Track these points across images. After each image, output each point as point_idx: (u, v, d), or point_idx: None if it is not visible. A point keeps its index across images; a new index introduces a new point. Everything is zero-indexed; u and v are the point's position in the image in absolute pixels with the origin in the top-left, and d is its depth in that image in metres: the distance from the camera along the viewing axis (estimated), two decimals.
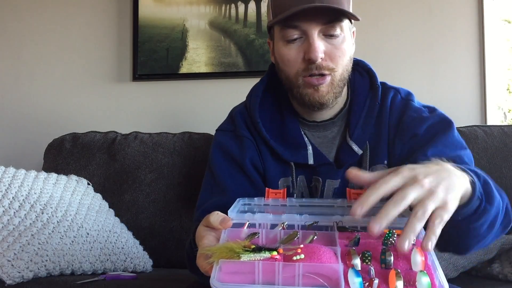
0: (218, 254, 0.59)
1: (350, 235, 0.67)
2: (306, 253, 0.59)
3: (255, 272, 0.56)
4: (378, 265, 0.61)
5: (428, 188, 0.60)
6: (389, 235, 0.64)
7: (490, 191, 0.72)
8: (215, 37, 2.05)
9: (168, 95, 2.09)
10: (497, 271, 1.41)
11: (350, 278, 0.56)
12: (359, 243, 0.65)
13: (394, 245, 0.64)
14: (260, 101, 1.03)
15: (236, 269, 0.57)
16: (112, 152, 1.80)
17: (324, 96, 0.93)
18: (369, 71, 1.05)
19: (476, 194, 0.68)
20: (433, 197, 0.59)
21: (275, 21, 0.92)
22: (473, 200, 0.68)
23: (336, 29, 0.90)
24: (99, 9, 2.15)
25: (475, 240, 0.76)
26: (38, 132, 2.13)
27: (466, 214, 0.69)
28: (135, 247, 1.57)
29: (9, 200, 1.44)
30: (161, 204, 1.72)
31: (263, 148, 1.01)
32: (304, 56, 0.91)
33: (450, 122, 0.96)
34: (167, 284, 1.31)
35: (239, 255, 0.58)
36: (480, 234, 0.74)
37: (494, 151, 1.61)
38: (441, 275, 0.57)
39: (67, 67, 2.16)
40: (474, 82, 1.93)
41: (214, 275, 0.56)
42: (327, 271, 0.56)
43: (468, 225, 0.71)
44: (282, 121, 1.02)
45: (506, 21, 2.06)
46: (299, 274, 0.55)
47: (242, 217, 0.70)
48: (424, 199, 0.59)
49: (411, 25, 1.96)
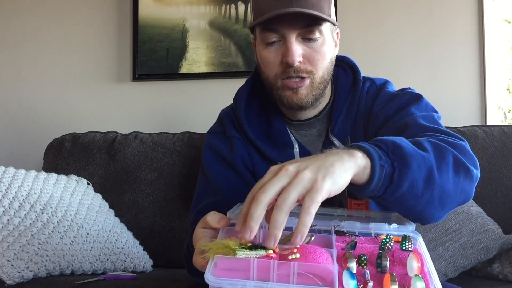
0: (214, 249, 0.59)
1: (348, 240, 0.68)
2: (302, 253, 0.59)
3: (250, 269, 0.56)
4: (374, 269, 0.61)
5: (293, 173, 0.58)
6: (386, 240, 0.65)
7: (402, 153, 0.68)
8: (215, 37, 2.05)
9: (168, 95, 2.09)
10: (497, 271, 1.41)
11: (344, 279, 0.56)
12: (356, 247, 0.65)
13: (391, 251, 0.64)
14: (246, 102, 1.05)
15: (231, 265, 0.57)
16: (112, 152, 1.80)
17: (303, 99, 0.94)
18: (352, 66, 1.06)
19: (375, 164, 0.65)
20: (297, 180, 0.57)
21: (254, 24, 0.93)
22: (376, 171, 0.65)
23: (315, 33, 0.91)
24: (99, 9, 2.15)
25: (422, 203, 0.72)
26: (38, 132, 2.13)
27: (381, 186, 0.67)
28: (135, 247, 1.57)
29: (9, 200, 1.44)
30: (161, 204, 1.72)
31: (251, 149, 1.02)
32: (282, 59, 0.92)
33: (419, 95, 0.96)
34: (167, 284, 1.31)
35: (235, 252, 0.58)
36: (420, 195, 0.70)
37: (494, 151, 1.61)
38: (437, 282, 0.57)
39: (67, 67, 2.16)
40: (474, 82, 1.93)
41: (208, 270, 0.56)
42: (322, 272, 0.56)
43: (395, 195, 0.68)
44: (268, 121, 1.03)
45: (506, 21, 2.06)
46: (294, 273, 0.55)
47: None
48: (287, 186, 0.58)
49: (411, 25, 1.96)
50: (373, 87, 1.02)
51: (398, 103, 0.95)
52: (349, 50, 1.91)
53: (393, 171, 0.67)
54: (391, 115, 0.94)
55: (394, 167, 0.67)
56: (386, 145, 0.69)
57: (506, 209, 1.57)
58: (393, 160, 0.67)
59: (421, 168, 0.69)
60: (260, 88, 1.06)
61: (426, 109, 0.93)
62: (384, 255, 0.61)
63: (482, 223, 1.47)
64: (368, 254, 0.63)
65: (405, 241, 0.65)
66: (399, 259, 0.63)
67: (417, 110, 0.91)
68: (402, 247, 0.65)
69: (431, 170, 0.70)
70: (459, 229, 1.46)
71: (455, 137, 0.80)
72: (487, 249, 1.44)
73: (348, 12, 1.99)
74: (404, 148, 0.69)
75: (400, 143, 0.70)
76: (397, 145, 0.69)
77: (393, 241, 0.65)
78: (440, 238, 1.46)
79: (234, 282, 0.55)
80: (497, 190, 1.59)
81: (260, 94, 1.06)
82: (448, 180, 0.72)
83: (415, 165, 0.68)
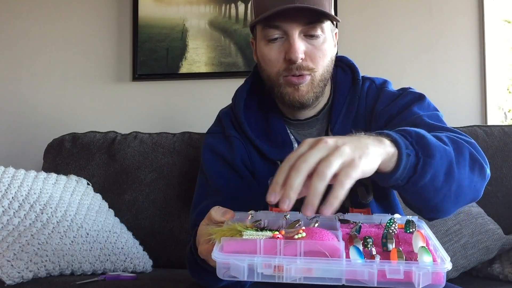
0: (220, 233, 0.59)
1: (352, 226, 0.68)
2: (308, 233, 0.59)
3: (257, 250, 0.55)
4: (380, 249, 0.61)
5: (332, 146, 0.58)
6: (390, 223, 0.65)
7: (426, 144, 0.69)
8: (215, 37, 2.05)
9: (168, 95, 2.09)
10: (498, 271, 1.41)
11: (351, 255, 0.56)
12: (361, 231, 0.66)
13: (395, 233, 0.64)
14: (245, 102, 1.05)
15: (237, 247, 0.57)
16: (112, 152, 1.79)
17: (304, 96, 0.94)
18: (351, 66, 1.05)
19: (402, 153, 0.65)
20: (338, 153, 0.57)
21: (256, 21, 0.93)
22: (402, 160, 0.65)
23: (317, 30, 0.91)
24: (99, 9, 2.14)
25: (440, 196, 0.72)
26: (38, 132, 2.13)
27: (405, 176, 0.67)
28: (135, 247, 1.57)
29: (9, 200, 1.43)
30: (161, 204, 1.72)
31: (250, 148, 1.02)
32: (285, 56, 0.92)
33: (422, 95, 0.96)
34: (167, 284, 1.31)
35: (241, 233, 0.57)
36: (440, 188, 0.71)
37: (494, 151, 1.61)
38: (443, 253, 0.57)
39: (67, 67, 2.16)
40: (474, 82, 1.92)
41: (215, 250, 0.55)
42: (329, 249, 0.55)
43: (417, 186, 0.69)
44: (267, 121, 1.03)
45: (506, 21, 2.05)
46: (300, 252, 0.55)
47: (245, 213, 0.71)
48: (328, 155, 0.57)
49: (412, 25, 1.96)
50: (373, 86, 1.02)
51: (401, 102, 0.95)
52: (349, 50, 1.92)
53: (417, 161, 0.67)
54: (395, 114, 0.93)
55: (418, 157, 0.67)
56: (410, 135, 0.69)
57: (507, 209, 1.57)
58: (417, 150, 0.68)
59: (443, 161, 0.70)
60: (259, 88, 1.06)
61: (428, 109, 0.93)
62: (390, 236, 0.61)
63: (483, 223, 1.47)
64: (373, 236, 0.63)
65: (409, 225, 0.66)
66: (404, 239, 0.63)
67: (420, 110, 0.91)
68: (406, 230, 0.65)
69: (451, 164, 0.71)
70: (459, 229, 1.46)
71: (464, 135, 0.80)
72: (488, 249, 1.44)
73: (348, 12, 1.99)
74: (428, 139, 0.70)
75: (424, 134, 0.71)
76: (421, 135, 0.70)
77: (397, 225, 0.65)
78: (441, 238, 1.46)
79: (241, 258, 0.54)
80: (498, 190, 1.58)
81: (259, 94, 1.06)
82: (465, 176, 0.73)
83: (438, 157, 0.69)
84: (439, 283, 0.54)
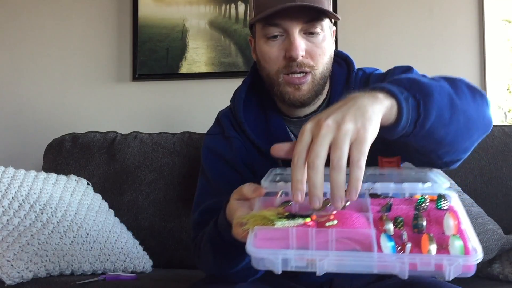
0: (253, 221, 0.61)
1: (382, 202, 0.68)
2: (339, 219, 0.60)
3: (289, 238, 0.57)
4: (411, 230, 0.61)
5: (335, 126, 0.58)
6: (422, 201, 0.65)
7: (420, 85, 0.68)
8: (215, 37, 2.05)
9: (168, 95, 2.09)
10: (498, 271, 1.41)
11: (382, 242, 0.57)
12: (391, 209, 0.66)
13: (426, 210, 0.64)
14: (244, 102, 1.05)
15: (270, 235, 0.59)
16: (112, 152, 1.79)
17: (304, 95, 0.94)
18: (346, 59, 1.06)
19: (400, 100, 0.64)
20: (342, 134, 0.57)
21: (256, 19, 0.93)
22: (403, 107, 0.64)
23: (317, 28, 0.92)
24: (99, 9, 2.14)
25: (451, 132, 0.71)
26: (38, 132, 2.13)
27: (411, 122, 0.66)
28: (135, 247, 1.57)
29: (9, 200, 1.43)
30: (161, 204, 1.72)
31: (250, 148, 1.02)
32: (285, 54, 0.92)
33: (409, 67, 0.97)
34: (167, 284, 1.31)
35: (273, 222, 0.59)
36: (448, 123, 0.70)
37: (494, 151, 1.61)
38: (474, 239, 0.57)
39: (67, 67, 2.16)
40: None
41: (249, 241, 0.58)
42: (360, 236, 0.57)
43: (425, 128, 0.67)
44: (267, 120, 1.03)
45: (506, 21, 2.05)
46: (332, 240, 0.56)
47: (275, 186, 0.71)
48: (334, 143, 0.57)
49: (412, 25, 1.96)
50: (364, 75, 1.03)
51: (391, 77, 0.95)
52: (349, 50, 1.90)
53: (417, 103, 0.66)
54: None
55: (417, 99, 0.66)
56: (402, 82, 0.69)
57: (507, 209, 1.57)
58: (413, 92, 0.67)
59: (442, 95, 0.69)
60: (257, 88, 1.07)
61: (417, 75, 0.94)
62: (420, 216, 0.61)
63: (483, 223, 1.47)
64: (403, 215, 0.63)
65: (440, 200, 0.65)
66: (435, 218, 0.63)
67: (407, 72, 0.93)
68: (437, 206, 0.65)
69: (451, 97, 0.70)
70: None
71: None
72: (488, 249, 1.43)
73: (348, 12, 1.99)
74: (420, 80, 0.69)
75: (414, 77, 0.70)
76: (412, 79, 0.69)
77: (428, 201, 0.65)
78: None
79: (275, 252, 0.57)
80: (498, 190, 1.58)
81: (258, 94, 1.07)
82: (469, 105, 0.73)
83: (436, 93, 0.68)
84: (469, 271, 0.56)
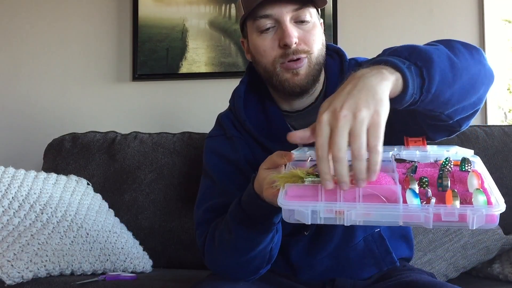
0: (284, 179, 0.63)
1: (408, 165, 0.69)
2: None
3: (318, 195, 0.60)
4: (435, 189, 0.63)
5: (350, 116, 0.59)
6: (446, 162, 0.67)
7: (418, 51, 0.70)
8: (215, 37, 2.05)
9: (168, 95, 2.09)
10: (498, 271, 1.41)
11: (408, 198, 0.58)
12: (417, 171, 0.67)
13: (450, 172, 0.66)
14: (244, 101, 1.06)
15: (300, 192, 0.61)
16: (112, 152, 1.79)
17: (303, 79, 0.96)
18: (338, 51, 1.08)
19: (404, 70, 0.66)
20: (359, 123, 0.58)
21: (247, 13, 0.95)
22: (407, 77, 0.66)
23: (306, 15, 0.95)
24: (99, 9, 2.14)
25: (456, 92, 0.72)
26: (38, 132, 2.12)
27: (417, 89, 0.68)
28: (135, 247, 1.57)
29: (9, 200, 1.43)
30: (161, 204, 1.72)
31: (254, 146, 1.03)
32: (279, 43, 0.94)
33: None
34: (167, 284, 1.31)
35: (303, 179, 0.62)
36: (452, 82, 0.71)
37: (494, 151, 1.61)
38: (498, 194, 0.59)
39: (66, 67, 2.16)
40: None
41: (281, 195, 0.60)
42: (386, 192, 0.59)
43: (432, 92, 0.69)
44: (267, 117, 1.04)
45: (506, 21, 2.05)
46: (359, 196, 0.59)
47: (304, 154, 0.74)
48: (352, 134, 0.58)
49: (412, 25, 1.96)
50: (357, 64, 1.04)
51: None
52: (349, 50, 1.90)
53: (420, 70, 0.68)
54: None
55: (419, 66, 0.68)
56: (400, 52, 0.71)
57: (507, 210, 1.54)
58: (414, 60, 0.69)
59: (441, 58, 0.71)
60: (255, 87, 1.07)
61: None
62: (445, 175, 0.63)
63: None
64: (428, 176, 0.65)
65: (464, 163, 0.66)
66: (459, 178, 0.65)
67: None
68: (461, 168, 0.66)
69: (450, 57, 0.72)
70: (459, 229, 1.46)
71: None
72: (488, 249, 1.43)
73: (348, 12, 1.99)
74: (418, 47, 0.71)
75: (411, 45, 0.72)
76: (410, 47, 0.71)
77: (452, 164, 0.67)
78: (441, 239, 1.46)
79: (305, 204, 0.59)
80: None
81: (257, 92, 1.07)
82: (468, 62, 0.75)
83: (435, 57, 0.70)
84: (492, 222, 0.57)
